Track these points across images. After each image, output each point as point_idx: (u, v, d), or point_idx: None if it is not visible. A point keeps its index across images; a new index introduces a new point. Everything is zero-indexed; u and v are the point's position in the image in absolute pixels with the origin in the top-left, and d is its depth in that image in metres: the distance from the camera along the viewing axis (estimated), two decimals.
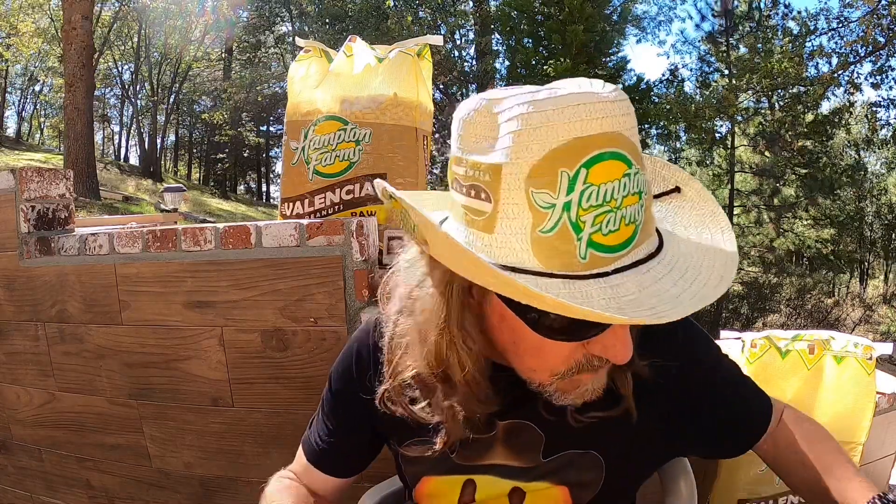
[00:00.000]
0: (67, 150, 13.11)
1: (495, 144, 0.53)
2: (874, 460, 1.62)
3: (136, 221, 3.85)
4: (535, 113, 0.51)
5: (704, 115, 13.68)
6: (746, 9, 15.64)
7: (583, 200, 0.51)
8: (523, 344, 0.61)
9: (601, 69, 12.21)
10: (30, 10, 20.64)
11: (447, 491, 0.77)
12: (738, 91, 14.01)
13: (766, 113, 15.59)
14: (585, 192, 0.51)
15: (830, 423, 1.41)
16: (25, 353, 1.75)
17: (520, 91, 0.55)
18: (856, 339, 1.43)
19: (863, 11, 13.08)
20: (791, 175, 15.83)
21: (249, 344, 1.44)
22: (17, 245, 1.70)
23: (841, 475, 0.76)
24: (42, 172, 1.72)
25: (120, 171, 20.64)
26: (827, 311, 16.68)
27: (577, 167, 0.51)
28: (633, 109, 0.55)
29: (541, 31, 12.26)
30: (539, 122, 0.51)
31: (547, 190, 0.51)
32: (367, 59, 1.56)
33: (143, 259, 1.53)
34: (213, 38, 24.35)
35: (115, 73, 25.70)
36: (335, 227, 1.34)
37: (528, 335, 0.59)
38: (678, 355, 0.73)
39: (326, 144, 1.53)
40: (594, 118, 0.51)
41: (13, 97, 27.05)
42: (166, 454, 1.59)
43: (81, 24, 12.41)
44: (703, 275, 0.56)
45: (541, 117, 0.51)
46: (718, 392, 0.78)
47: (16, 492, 1.87)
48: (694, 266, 0.57)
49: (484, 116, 0.55)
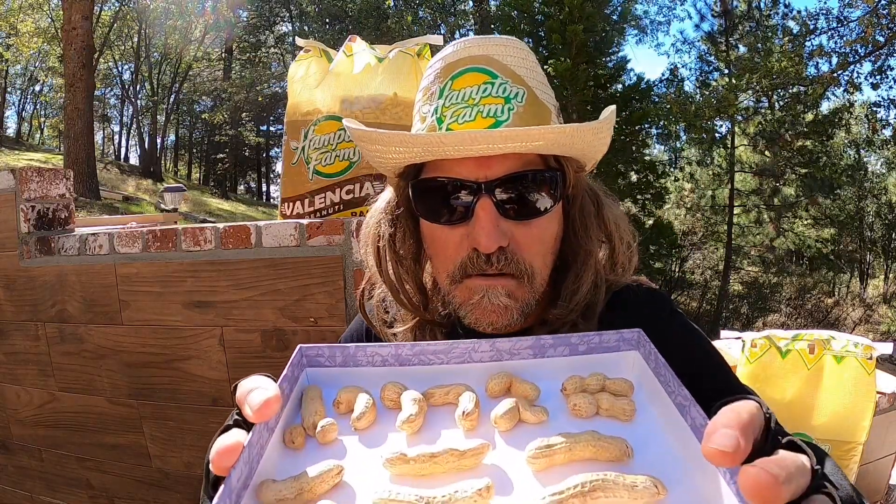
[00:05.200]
0: (67, 150, 13.12)
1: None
2: (874, 460, 1.62)
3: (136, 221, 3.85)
4: (436, 57, 0.74)
5: (704, 115, 13.68)
6: (746, 8, 15.65)
7: (447, 102, 0.70)
8: (429, 244, 0.73)
9: (601, 69, 12.21)
10: (30, 10, 20.65)
11: None
12: (738, 91, 14.01)
13: (766, 113, 15.60)
14: (451, 96, 0.70)
15: (830, 422, 1.41)
16: (25, 353, 1.75)
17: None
18: (856, 339, 1.43)
19: (863, 11, 13.08)
20: (791, 175, 15.84)
21: (249, 344, 1.44)
22: (17, 245, 1.70)
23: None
24: (42, 172, 1.72)
25: (120, 171, 20.65)
26: (827, 311, 16.68)
27: (445, 81, 0.71)
28: (519, 48, 0.72)
29: (541, 31, 12.25)
30: (433, 59, 0.74)
31: (427, 101, 0.72)
32: (367, 59, 1.56)
33: (143, 259, 1.53)
34: (213, 38, 24.36)
35: (115, 73, 25.73)
36: (335, 227, 1.34)
37: (427, 232, 0.73)
38: (664, 332, 0.68)
39: (326, 144, 1.53)
40: (464, 47, 0.71)
41: (13, 97, 27.12)
42: (166, 454, 1.59)
43: (81, 24, 12.42)
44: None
45: (436, 57, 0.74)
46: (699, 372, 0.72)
47: (16, 492, 1.87)
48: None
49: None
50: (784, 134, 15.01)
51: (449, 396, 0.49)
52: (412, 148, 0.67)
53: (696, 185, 17.29)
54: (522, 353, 0.52)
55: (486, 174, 0.66)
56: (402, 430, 0.46)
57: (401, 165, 0.72)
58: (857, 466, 1.45)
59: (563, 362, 0.52)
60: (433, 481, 0.41)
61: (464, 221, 0.67)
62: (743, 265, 17.20)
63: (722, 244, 16.76)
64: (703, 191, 17.16)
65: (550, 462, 0.41)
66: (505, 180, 0.66)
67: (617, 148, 12.11)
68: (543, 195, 0.68)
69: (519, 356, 0.52)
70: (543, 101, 0.71)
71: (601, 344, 0.52)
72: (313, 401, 0.48)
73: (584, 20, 11.31)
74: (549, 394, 0.49)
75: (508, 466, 0.42)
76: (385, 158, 0.71)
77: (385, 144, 0.69)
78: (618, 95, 12.66)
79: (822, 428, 1.41)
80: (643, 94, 12.92)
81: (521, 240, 0.68)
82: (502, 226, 0.66)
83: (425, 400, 0.48)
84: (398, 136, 0.67)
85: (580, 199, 0.74)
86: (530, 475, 0.41)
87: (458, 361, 0.51)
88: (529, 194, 0.67)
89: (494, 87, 0.69)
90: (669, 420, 0.44)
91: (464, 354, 0.51)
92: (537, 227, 0.68)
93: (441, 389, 0.49)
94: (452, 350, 0.51)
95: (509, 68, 0.70)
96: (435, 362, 0.51)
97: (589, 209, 0.74)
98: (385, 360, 0.52)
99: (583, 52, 11.47)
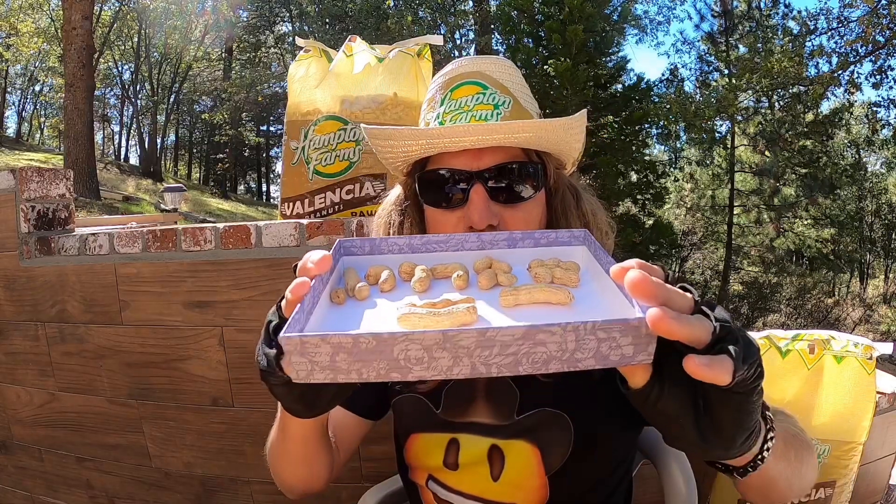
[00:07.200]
0: (67, 150, 13.11)
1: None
2: (874, 460, 1.62)
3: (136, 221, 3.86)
4: (438, 74, 0.90)
5: (704, 115, 13.67)
6: (746, 8, 15.64)
7: (448, 109, 0.84)
8: (431, 228, 0.85)
9: (601, 69, 12.19)
10: (30, 10, 20.64)
11: (433, 449, 0.84)
12: (738, 91, 14.00)
13: (766, 113, 15.59)
14: (450, 104, 0.84)
15: (830, 423, 1.41)
16: (25, 353, 1.75)
17: None
18: (856, 339, 1.43)
19: (863, 11, 13.08)
20: (791, 175, 15.83)
21: (249, 344, 1.44)
22: (17, 245, 1.70)
23: None
24: (42, 172, 1.72)
25: (120, 171, 20.65)
26: (827, 311, 16.68)
27: (446, 92, 0.86)
28: (507, 66, 0.87)
29: (541, 31, 12.22)
30: (436, 76, 0.90)
31: (430, 110, 0.87)
32: (367, 58, 1.56)
33: (143, 259, 1.53)
34: (213, 38, 24.36)
35: (115, 73, 25.71)
36: (335, 227, 1.34)
37: (430, 218, 0.85)
38: None
39: (326, 144, 1.53)
40: (461, 65, 0.87)
41: (13, 97, 27.11)
42: (166, 454, 1.59)
43: (81, 24, 12.42)
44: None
45: (438, 74, 0.90)
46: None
47: (16, 492, 1.87)
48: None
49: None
50: (784, 134, 15.00)
51: (447, 270, 0.64)
52: (418, 140, 0.80)
53: (696, 185, 17.29)
54: (500, 244, 0.69)
55: (478, 165, 0.80)
56: (414, 288, 0.61)
57: (409, 162, 0.86)
58: (857, 466, 1.45)
59: (529, 252, 0.68)
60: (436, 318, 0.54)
61: (460, 206, 0.80)
62: (743, 265, 17.19)
63: (722, 244, 16.76)
64: (703, 191, 17.15)
65: (516, 300, 0.56)
66: (494, 170, 0.80)
67: (617, 148, 12.09)
68: (527, 184, 0.81)
69: (497, 246, 0.69)
70: (527, 108, 0.86)
71: (557, 240, 0.69)
72: (350, 273, 0.64)
73: (584, 20, 11.28)
74: (518, 270, 0.65)
75: (485, 307, 0.56)
76: (395, 154, 0.84)
77: (397, 139, 0.81)
78: (618, 95, 12.63)
79: (822, 428, 1.41)
80: (643, 94, 12.88)
81: (509, 221, 0.80)
82: (493, 208, 0.79)
83: (431, 271, 0.64)
84: (408, 131, 0.80)
85: (561, 192, 0.87)
86: (501, 309, 0.56)
87: (454, 249, 0.69)
88: (515, 182, 0.81)
89: (486, 97, 0.84)
90: (602, 284, 0.58)
91: (458, 244, 0.69)
92: (523, 210, 0.81)
93: (442, 265, 0.65)
94: (450, 241, 0.69)
95: (498, 81, 0.85)
96: (437, 250, 0.69)
97: (569, 201, 0.87)
98: (401, 249, 0.69)
99: (583, 52, 11.44)
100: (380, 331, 0.43)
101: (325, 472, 0.84)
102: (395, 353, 0.44)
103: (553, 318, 0.53)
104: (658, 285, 0.44)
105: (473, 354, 0.44)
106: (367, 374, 0.45)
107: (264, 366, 0.55)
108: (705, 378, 0.42)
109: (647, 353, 0.45)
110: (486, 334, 0.43)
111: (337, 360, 0.44)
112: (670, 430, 0.50)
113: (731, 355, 0.43)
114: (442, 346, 0.43)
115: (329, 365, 0.45)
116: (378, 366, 0.44)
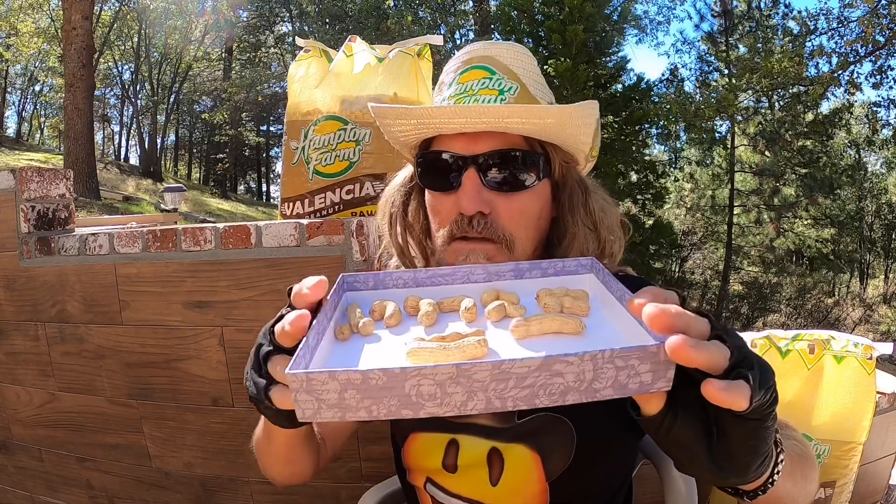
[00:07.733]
0: (67, 150, 13.12)
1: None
2: (874, 460, 1.62)
3: (136, 221, 3.86)
4: (453, 58, 0.88)
5: (704, 115, 13.67)
6: (746, 8, 15.64)
7: (453, 92, 0.83)
8: (429, 211, 0.85)
9: (601, 69, 12.18)
10: (30, 10, 20.63)
11: (432, 449, 0.82)
12: (738, 91, 14.00)
13: (766, 113, 15.58)
14: (457, 87, 0.84)
15: (830, 423, 1.41)
16: (25, 353, 1.75)
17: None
18: (856, 339, 1.43)
19: (863, 11, 13.08)
20: (791, 175, 15.83)
21: (249, 344, 1.42)
22: (17, 245, 1.70)
23: None
24: (42, 172, 1.72)
25: (120, 171, 20.65)
26: (827, 311, 16.68)
27: (455, 75, 0.85)
28: (520, 51, 0.85)
29: (541, 31, 12.21)
30: (451, 60, 0.88)
31: (439, 92, 0.87)
32: (367, 58, 1.56)
33: (143, 259, 1.53)
34: (213, 38, 24.35)
35: (115, 73, 25.70)
36: (335, 227, 1.34)
37: (428, 200, 0.85)
38: None
39: (326, 144, 1.53)
40: (473, 49, 0.85)
41: (13, 97, 27.09)
42: (166, 454, 1.59)
43: (81, 24, 12.42)
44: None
45: (453, 58, 0.88)
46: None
47: (16, 492, 1.87)
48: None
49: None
50: (784, 134, 15.00)
51: (454, 303, 0.64)
52: (410, 119, 0.80)
53: (696, 185, 17.28)
54: (506, 276, 0.68)
55: (473, 149, 0.78)
56: (422, 322, 0.60)
57: (416, 141, 0.86)
58: (857, 466, 1.45)
59: (537, 281, 0.68)
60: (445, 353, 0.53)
61: (454, 190, 0.79)
62: (743, 265, 17.18)
63: (722, 244, 16.75)
64: (703, 191, 17.15)
65: (527, 331, 0.55)
66: (488, 155, 0.77)
67: (617, 148, 12.08)
68: (524, 173, 0.79)
69: (504, 277, 0.68)
70: (535, 96, 0.83)
71: (564, 268, 0.68)
72: (354, 309, 0.62)
73: (584, 20, 11.27)
74: (527, 301, 0.64)
75: (496, 339, 0.55)
76: (394, 132, 0.84)
77: (392, 118, 0.82)
78: (618, 95, 12.62)
79: (822, 428, 1.41)
80: (643, 94, 12.86)
81: (502, 210, 0.78)
82: (485, 195, 0.78)
83: (437, 305, 0.63)
84: (402, 110, 0.80)
85: (569, 187, 0.84)
86: (512, 340, 0.55)
87: (461, 282, 0.68)
88: (510, 170, 0.78)
89: (492, 82, 0.82)
90: (614, 311, 0.58)
91: (464, 277, 0.68)
92: (517, 200, 0.79)
93: (448, 299, 0.64)
94: (455, 273, 0.67)
95: (508, 67, 0.83)
96: (443, 283, 0.68)
97: (578, 197, 0.84)
98: (406, 283, 0.68)
99: (583, 52, 11.44)
100: (390, 366, 0.42)
101: (310, 468, 0.83)
102: (407, 389, 0.42)
103: (567, 348, 0.52)
104: (676, 315, 0.43)
105: (488, 388, 0.42)
106: (378, 411, 0.43)
107: (254, 394, 0.53)
108: (723, 403, 0.42)
109: (665, 379, 0.44)
110: (501, 367, 0.42)
111: (346, 397, 0.43)
112: (683, 456, 0.49)
113: (748, 381, 0.42)
114: (455, 381, 0.42)
115: (337, 403, 0.43)
116: (389, 402, 0.43)
